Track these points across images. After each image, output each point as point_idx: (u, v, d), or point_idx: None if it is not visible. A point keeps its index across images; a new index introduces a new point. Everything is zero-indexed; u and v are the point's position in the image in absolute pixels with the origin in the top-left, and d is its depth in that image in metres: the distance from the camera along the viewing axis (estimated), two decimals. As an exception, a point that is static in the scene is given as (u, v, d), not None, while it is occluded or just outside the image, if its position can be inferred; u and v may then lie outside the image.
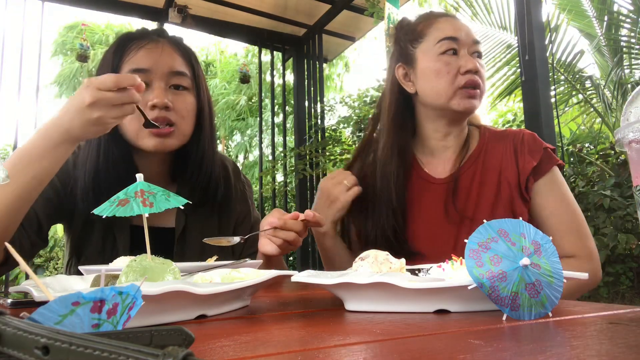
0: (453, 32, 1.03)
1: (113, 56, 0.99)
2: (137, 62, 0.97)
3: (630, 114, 0.44)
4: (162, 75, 0.98)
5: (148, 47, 0.99)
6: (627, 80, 4.07)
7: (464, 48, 1.03)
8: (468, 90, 1.00)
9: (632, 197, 2.94)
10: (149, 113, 0.95)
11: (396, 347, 0.35)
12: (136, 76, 0.80)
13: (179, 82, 1.01)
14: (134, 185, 0.56)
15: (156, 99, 0.96)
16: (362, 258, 0.60)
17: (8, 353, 0.23)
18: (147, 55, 0.98)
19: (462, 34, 1.03)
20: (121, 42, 1.01)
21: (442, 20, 1.06)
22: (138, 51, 0.98)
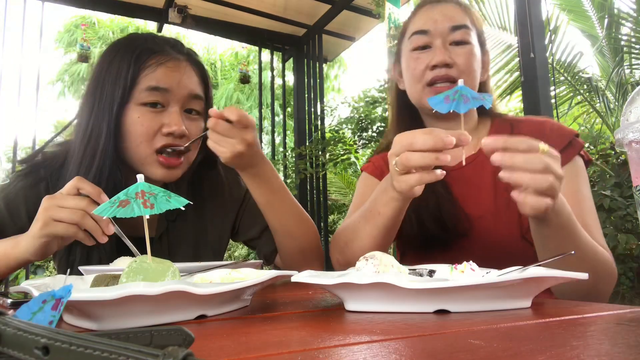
0: (423, 24, 0.96)
1: (128, 66, 0.90)
2: (156, 79, 0.90)
3: (630, 114, 0.44)
4: (180, 98, 0.92)
5: (169, 65, 0.92)
6: (627, 80, 4.07)
7: (438, 39, 0.94)
8: (436, 87, 0.93)
9: (632, 197, 2.94)
10: (159, 140, 0.90)
11: (396, 347, 0.35)
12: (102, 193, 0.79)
13: (194, 106, 0.96)
14: (135, 186, 0.56)
15: (175, 126, 0.90)
16: (367, 258, 0.60)
17: (8, 353, 0.23)
18: (168, 74, 0.91)
19: (435, 24, 0.95)
20: (140, 53, 0.91)
21: (419, 12, 1.00)
22: (158, 67, 0.90)
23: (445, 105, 0.66)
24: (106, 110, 0.89)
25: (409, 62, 0.98)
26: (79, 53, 3.76)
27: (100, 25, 11.33)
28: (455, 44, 0.94)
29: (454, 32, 0.94)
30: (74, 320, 0.49)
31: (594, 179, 3.37)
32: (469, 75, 0.93)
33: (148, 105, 0.89)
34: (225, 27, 3.72)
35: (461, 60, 0.93)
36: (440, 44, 0.94)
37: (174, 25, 3.47)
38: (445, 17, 0.95)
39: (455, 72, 0.92)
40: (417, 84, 0.96)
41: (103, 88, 0.90)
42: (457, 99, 0.66)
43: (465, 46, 0.94)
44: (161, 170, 0.91)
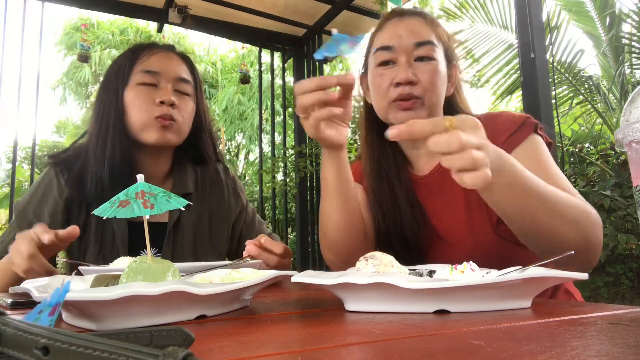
0: (388, 39, 0.95)
1: (127, 60, 1.11)
2: (149, 65, 1.10)
3: (630, 114, 0.44)
4: (169, 79, 1.11)
5: (159, 54, 1.13)
6: (628, 80, 4.07)
7: (402, 55, 0.94)
8: (400, 104, 0.92)
9: (632, 197, 2.94)
10: (155, 110, 1.07)
11: (396, 347, 0.35)
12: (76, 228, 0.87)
13: (183, 88, 1.13)
14: (135, 186, 0.56)
15: (165, 96, 1.08)
16: (367, 258, 0.60)
17: (8, 353, 0.23)
18: (158, 60, 1.11)
19: (399, 39, 0.94)
20: (134, 49, 1.14)
21: (385, 26, 0.99)
22: (150, 57, 1.12)
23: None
24: (112, 95, 1.09)
25: (374, 78, 0.97)
26: (79, 53, 3.75)
27: (100, 27, 11.33)
28: (419, 60, 0.94)
29: (418, 48, 0.93)
30: (74, 320, 0.49)
31: (595, 179, 3.37)
32: (432, 92, 0.93)
33: (144, 85, 1.09)
34: (225, 27, 3.71)
35: (425, 77, 0.93)
36: (405, 61, 0.93)
37: (173, 25, 3.47)
38: (410, 33, 0.94)
39: (419, 90, 0.92)
40: (383, 100, 0.95)
41: (109, 80, 1.12)
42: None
43: (430, 62, 0.94)
44: (157, 133, 1.08)
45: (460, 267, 0.60)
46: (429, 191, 0.99)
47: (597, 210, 0.80)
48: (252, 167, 10.69)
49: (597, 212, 0.80)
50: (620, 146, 0.45)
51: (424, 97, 0.92)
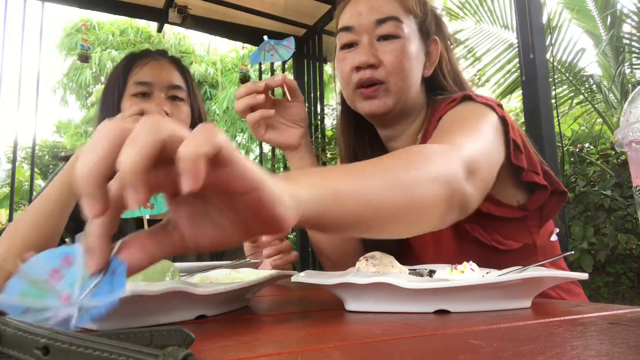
0: (349, 19, 0.85)
1: (121, 72, 1.15)
2: (141, 76, 1.14)
3: (630, 114, 0.44)
4: (162, 88, 1.14)
5: (150, 64, 1.16)
6: (628, 80, 4.07)
7: (363, 35, 0.84)
8: (362, 91, 0.84)
9: (632, 197, 2.94)
10: None
11: (396, 347, 0.35)
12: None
13: (176, 94, 1.16)
14: (134, 185, 0.56)
15: (157, 107, 1.11)
16: (367, 258, 0.60)
17: (8, 353, 0.23)
18: (150, 71, 1.15)
19: (359, 18, 0.84)
20: (128, 61, 1.18)
21: (347, 5, 0.88)
22: (142, 68, 1.15)
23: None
24: (111, 106, 1.14)
25: (337, 63, 0.89)
26: (79, 53, 3.74)
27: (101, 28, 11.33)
28: (383, 39, 0.83)
29: (380, 26, 0.83)
30: (74, 320, 0.49)
31: (594, 179, 3.37)
32: (398, 74, 0.82)
33: (138, 95, 1.12)
34: (225, 27, 3.71)
35: (388, 58, 0.82)
36: (366, 41, 0.83)
37: (173, 25, 3.47)
38: (370, 10, 0.84)
39: (383, 73, 0.82)
40: (347, 87, 0.87)
41: (107, 91, 1.17)
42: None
43: (395, 41, 0.83)
44: None
45: (460, 267, 0.60)
46: None
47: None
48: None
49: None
50: (620, 146, 0.45)
51: (389, 82, 0.82)
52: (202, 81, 10.58)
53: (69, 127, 14.26)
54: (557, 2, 4.57)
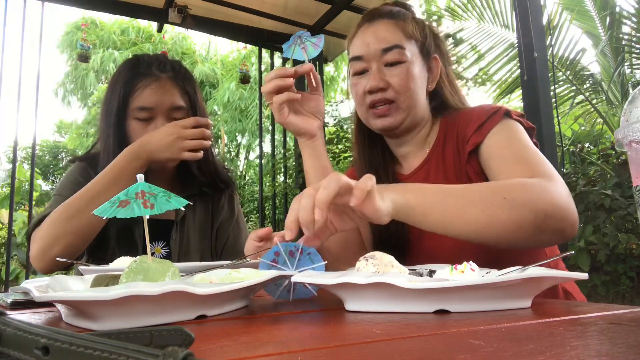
0: (359, 49, 0.97)
1: (122, 90, 1.14)
2: (143, 101, 1.13)
3: (630, 114, 0.44)
4: (164, 111, 1.15)
5: (152, 87, 1.15)
6: (628, 79, 4.07)
7: (372, 63, 0.96)
8: (375, 110, 0.96)
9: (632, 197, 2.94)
10: None
11: (396, 347, 0.35)
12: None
13: (177, 115, 1.17)
14: (135, 186, 0.56)
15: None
16: (367, 258, 0.60)
17: (8, 353, 0.23)
18: (151, 94, 1.14)
19: (367, 48, 0.96)
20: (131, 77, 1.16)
21: (356, 35, 1.00)
22: (144, 90, 1.14)
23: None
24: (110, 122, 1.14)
25: (351, 87, 1.01)
26: (79, 53, 3.75)
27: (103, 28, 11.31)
28: (389, 65, 0.95)
29: (386, 54, 0.95)
30: (74, 320, 0.49)
31: (595, 179, 3.37)
32: (405, 93, 0.94)
33: (140, 120, 1.14)
34: (225, 27, 3.71)
35: (395, 80, 0.94)
36: (375, 68, 0.95)
37: (173, 25, 3.47)
38: (377, 40, 0.95)
39: (392, 94, 0.94)
40: (361, 107, 0.99)
41: (106, 105, 1.17)
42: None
43: (400, 66, 0.94)
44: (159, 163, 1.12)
45: (460, 267, 0.60)
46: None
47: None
48: (253, 167, 10.67)
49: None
50: (620, 146, 0.45)
51: (398, 100, 0.94)
52: (203, 81, 10.56)
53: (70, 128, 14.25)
54: (556, 3, 4.57)
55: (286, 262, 0.67)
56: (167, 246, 1.17)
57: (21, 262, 6.81)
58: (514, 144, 0.86)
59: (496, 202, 0.69)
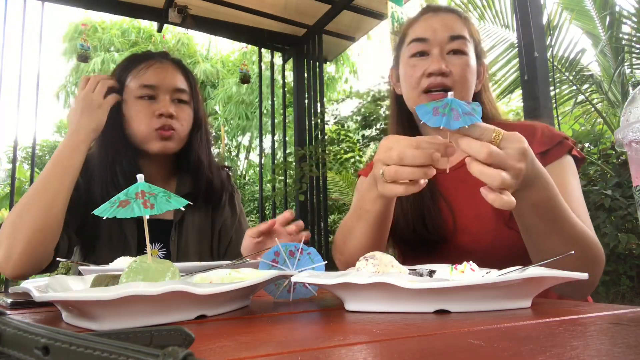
0: (423, 32, 0.98)
1: (122, 72, 1.16)
2: (146, 79, 1.14)
3: (630, 114, 0.44)
4: (167, 91, 1.15)
5: (155, 66, 1.16)
6: (628, 80, 4.07)
7: (436, 47, 0.96)
8: (431, 95, 0.95)
9: (633, 197, 2.94)
10: (155, 122, 1.13)
11: (396, 347, 0.35)
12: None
13: (180, 97, 1.17)
14: (135, 186, 0.56)
15: (163, 108, 1.13)
16: (367, 258, 0.60)
17: (8, 353, 0.23)
18: (155, 74, 1.15)
19: (434, 32, 0.97)
20: (130, 62, 1.18)
21: (420, 20, 1.02)
22: (147, 70, 1.15)
23: (434, 119, 0.61)
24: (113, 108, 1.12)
25: (406, 68, 1.00)
26: (79, 53, 3.74)
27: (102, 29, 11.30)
28: (452, 53, 0.96)
29: (451, 42, 0.96)
30: (74, 320, 0.49)
31: (595, 179, 3.37)
32: (462, 85, 0.95)
33: (144, 98, 1.13)
34: (225, 27, 3.71)
35: (457, 69, 0.95)
36: (438, 53, 0.96)
37: (173, 25, 3.47)
38: (444, 27, 0.97)
39: (450, 81, 0.94)
40: (413, 90, 0.98)
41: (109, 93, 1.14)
42: (447, 114, 0.61)
43: (462, 56, 0.96)
44: (159, 144, 1.13)
45: (460, 267, 0.60)
46: (452, 184, 1.00)
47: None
48: (253, 167, 10.67)
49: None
50: (620, 146, 0.45)
51: (455, 89, 0.94)
52: (204, 81, 10.55)
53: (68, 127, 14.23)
54: (556, 3, 4.57)
55: (286, 262, 0.67)
56: (164, 248, 1.16)
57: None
58: (572, 193, 0.89)
59: (574, 243, 0.73)
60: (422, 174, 0.64)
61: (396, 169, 0.65)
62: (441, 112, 0.61)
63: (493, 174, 0.58)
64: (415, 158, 0.64)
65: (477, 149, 0.59)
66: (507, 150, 0.60)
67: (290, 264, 0.67)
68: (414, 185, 0.67)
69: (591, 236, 0.79)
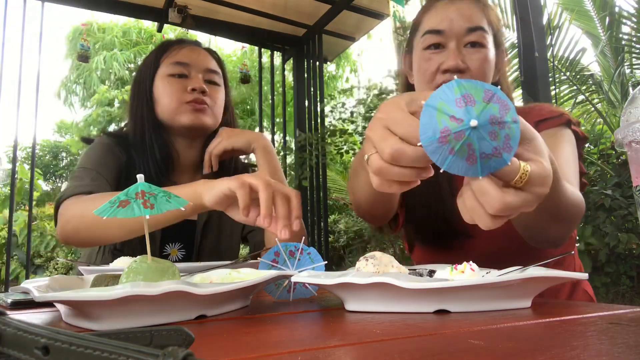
0: (438, 23, 0.91)
1: (156, 54, 1.15)
2: (179, 57, 1.12)
3: (630, 114, 0.44)
4: (199, 70, 1.13)
5: (188, 47, 1.16)
6: (628, 80, 4.07)
7: (452, 40, 0.90)
8: None
9: (633, 197, 2.94)
10: (187, 96, 1.10)
11: (396, 347, 0.35)
12: None
13: (212, 78, 1.16)
14: (135, 186, 0.56)
15: (196, 84, 1.10)
16: (367, 258, 0.60)
17: (8, 353, 0.23)
18: (188, 53, 1.14)
19: (450, 23, 0.90)
20: (163, 45, 1.18)
21: (435, 8, 0.95)
22: (180, 50, 1.14)
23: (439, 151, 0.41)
24: (143, 88, 1.12)
25: (420, 62, 0.94)
26: (79, 53, 3.74)
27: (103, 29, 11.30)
28: (469, 46, 0.90)
29: (469, 34, 0.90)
30: (74, 320, 0.49)
31: (595, 179, 3.37)
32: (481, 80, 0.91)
33: (175, 76, 1.11)
34: (225, 27, 3.71)
35: (475, 65, 0.89)
36: (454, 46, 0.90)
37: (173, 25, 3.47)
38: (461, 17, 0.90)
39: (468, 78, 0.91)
40: (427, 85, 0.92)
41: (140, 75, 1.15)
42: (456, 151, 0.41)
43: (480, 50, 0.90)
44: (191, 116, 1.09)
45: (460, 267, 0.60)
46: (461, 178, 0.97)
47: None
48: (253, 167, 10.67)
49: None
50: (620, 146, 0.45)
51: None
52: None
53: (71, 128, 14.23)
54: (556, 3, 4.57)
55: (286, 262, 0.67)
56: (184, 248, 1.13)
57: (21, 262, 6.81)
58: (565, 153, 0.85)
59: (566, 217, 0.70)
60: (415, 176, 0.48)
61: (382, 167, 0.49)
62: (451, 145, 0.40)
63: (496, 222, 0.45)
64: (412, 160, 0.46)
65: (490, 201, 0.43)
66: (527, 197, 0.44)
67: (290, 264, 0.67)
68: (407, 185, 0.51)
69: (578, 198, 0.74)
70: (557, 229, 0.73)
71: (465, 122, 0.40)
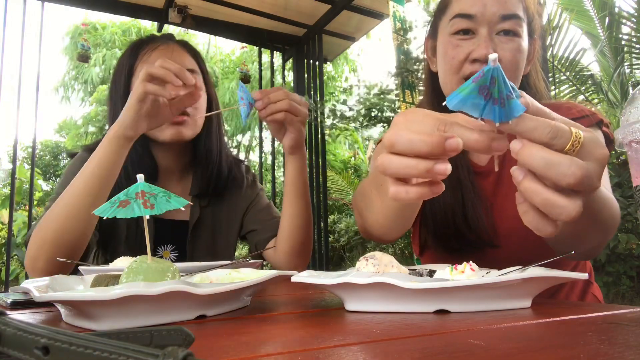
0: (470, 6, 0.83)
1: (128, 59, 1.09)
2: (151, 62, 1.03)
3: (630, 114, 0.44)
4: None
5: (160, 48, 1.10)
6: (628, 80, 4.07)
7: (484, 27, 0.82)
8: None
9: (632, 197, 2.94)
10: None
11: (396, 347, 0.35)
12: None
13: None
14: (135, 186, 0.56)
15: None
16: (367, 258, 0.60)
17: (8, 353, 0.23)
18: (160, 55, 1.07)
19: (483, 7, 0.82)
20: (134, 46, 1.11)
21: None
22: (152, 52, 1.08)
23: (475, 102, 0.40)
24: (120, 96, 1.06)
25: (446, 48, 0.86)
26: (79, 53, 3.74)
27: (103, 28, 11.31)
28: (502, 34, 0.82)
29: (503, 22, 0.81)
30: (74, 320, 0.49)
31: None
32: (512, 73, 0.82)
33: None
34: (225, 27, 3.71)
35: (507, 56, 0.81)
36: (486, 34, 0.81)
37: (173, 25, 3.47)
38: (496, 2, 0.82)
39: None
40: (454, 76, 0.85)
41: (115, 82, 1.10)
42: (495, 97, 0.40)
43: (514, 39, 0.82)
44: (171, 130, 1.05)
45: (460, 267, 0.60)
46: (485, 180, 0.91)
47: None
48: (253, 167, 10.69)
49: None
50: (620, 146, 0.45)
51: None
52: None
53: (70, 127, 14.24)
54: (556, 3, 4.57)
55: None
56: (176, 250, 1.12)
57: (21, 262, 6.81)
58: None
59: (604, 226, 0.65)
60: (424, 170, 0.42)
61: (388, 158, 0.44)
62: (480, 83, 0.40)
63: (568, 205, 0.40)
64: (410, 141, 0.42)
65: (562, 171, 0.38)
66: (589, 165, 0.40)
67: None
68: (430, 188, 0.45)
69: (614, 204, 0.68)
70: (595, 235, 0.66)
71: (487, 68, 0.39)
